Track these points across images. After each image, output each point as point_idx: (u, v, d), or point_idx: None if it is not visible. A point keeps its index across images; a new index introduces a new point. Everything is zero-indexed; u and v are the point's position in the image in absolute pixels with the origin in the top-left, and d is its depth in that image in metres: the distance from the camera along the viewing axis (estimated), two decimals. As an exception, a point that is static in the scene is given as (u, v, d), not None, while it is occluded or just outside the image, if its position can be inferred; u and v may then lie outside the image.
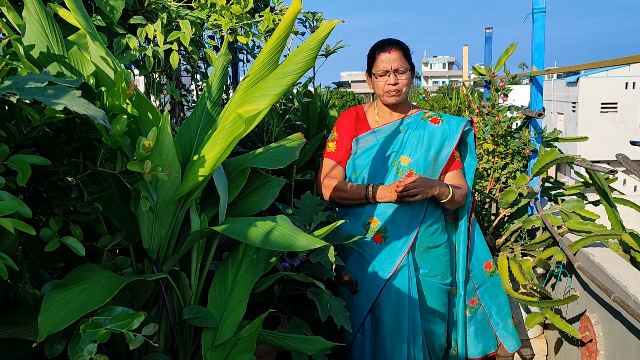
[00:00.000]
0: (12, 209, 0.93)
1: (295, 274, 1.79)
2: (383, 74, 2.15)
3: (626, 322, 2.06)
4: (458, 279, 2.41)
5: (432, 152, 2.21)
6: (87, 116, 0.99)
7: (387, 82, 2.15)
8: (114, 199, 1.49)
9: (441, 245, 2.28)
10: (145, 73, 1.98)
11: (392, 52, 2.14)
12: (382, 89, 2.18)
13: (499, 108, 3.28)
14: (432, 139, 2.22)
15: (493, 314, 2.48)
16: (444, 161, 2.23)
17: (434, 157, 2.21)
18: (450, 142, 2.22)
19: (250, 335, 1.43)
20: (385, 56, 2.14)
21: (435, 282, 2.27)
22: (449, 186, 2.18)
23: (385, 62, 2.13)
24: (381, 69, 2.15)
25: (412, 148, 2.21)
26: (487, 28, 5.17)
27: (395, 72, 2.14)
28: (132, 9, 1.98)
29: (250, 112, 1.36)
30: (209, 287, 1.64)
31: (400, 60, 2.13)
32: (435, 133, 2.23)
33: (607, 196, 2.79)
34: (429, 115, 2.28)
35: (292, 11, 1.42)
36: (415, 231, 2.20)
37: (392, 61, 2.13)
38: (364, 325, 2.24)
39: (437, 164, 2.22)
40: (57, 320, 1.10)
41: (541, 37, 3.06)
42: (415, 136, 2.22)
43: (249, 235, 1.40)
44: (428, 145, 2.21)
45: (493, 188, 3.34)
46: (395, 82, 2.14)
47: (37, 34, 1.33)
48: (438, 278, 2.27)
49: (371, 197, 2.15)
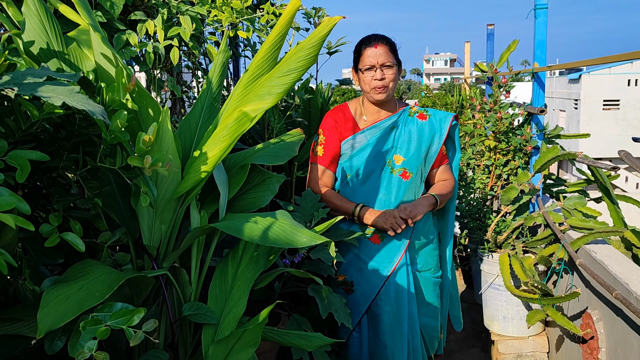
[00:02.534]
0: (10, 205, 0.93)
1: (295, 271, 1.79)
2: (369, 69, 2.13)
3: (628, 319, 2.05)
4: (444, 267, 2.41)
5: (423, 149, 2.22)
6: (86, 111, 0.99)
7: (374, 77, 2.13)
8: (113, 195, 1.49)
9: (433, 239, 2.31)
10: (145, 69, 1.97)
11: (378, 47, 2.12)
12: (368, 85, 2.15)
13: (500, 105, 3.27)
14: (422, 135, 2.22)
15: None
16: (434, 157, 2.25)
17: (425, 153, 2.22)
18: (438, 138, 2.24)
19: (255, 328, 1.43)
20: (372, 51, 2.12)
21: (429, 275, 2.29)
22: (436, 197, 2.21)
23: (372, 57, 2.11)
24: (367, 63, 2.12)
25: (404, 145, 2.21)
26: (489, 25, 5.15)
27: (382, 66, 2.12)
28: (133, 5, 1.98)
29: (256, 111, 1.36)
30: (209, 283, 1.64)
31: (386, 55, 2.11)
32: (424, 129, 2.23)
33: (609, 193, 2.78)
34: (415, 110, 2.28)
35: (292, 7, 1.41)
36: (412, 229, 2.20)
37: (379, 56, 2.11)
38: (361, 324, 2.24)
39: (428, 160, 2.24)
40: (56, 317, 1.10)
41: (543, 34, 3.04)
42: (406, 133, 2.22)
43: (249, 232, 1.39)
44: (419, 142, 2.21)
45: (494, 185, 3.33)
46: (381, 77, 2.12)
47: (37, 29, 1.32)
48: (431, 272, 2.30)
49: (356, 217, 2.16)
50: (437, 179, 2.32)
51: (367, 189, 2.20)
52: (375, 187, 2.20)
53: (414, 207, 2.11)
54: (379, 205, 2.18)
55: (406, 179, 2.19)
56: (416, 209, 2.11)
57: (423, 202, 2.17)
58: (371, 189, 2.20)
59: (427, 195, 2.22)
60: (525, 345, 3.00)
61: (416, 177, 2.20)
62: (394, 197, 2.18)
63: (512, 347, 3.00)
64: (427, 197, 2.21)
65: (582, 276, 2.53)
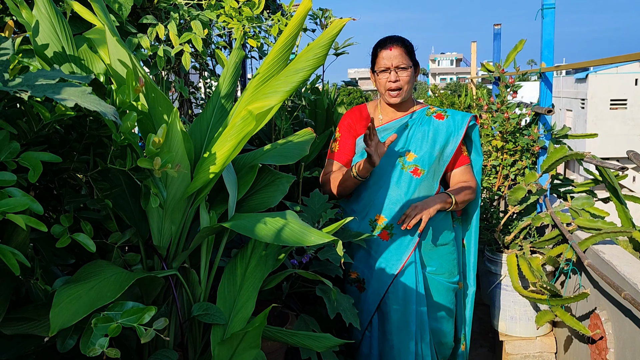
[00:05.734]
0: (23, 206, 0.94)
1: (303, 272, 1.79)
2: (384, 71, 2.14)
3: (637, 320, 2.05)
4: (469, 276, 2.40)
5: (437, 148, 2.20)
6: (98, 113, 1.00)
7: (388, 79, 2.14)
8: (124, 196, 1.50)
9: (448, 243, 2.26)
10: (155, 72, 1.99)
11: (393, 49, 2.13)
12: (383, 87, 2.17)
13: (507, 105, 3.27)
14: (437, 134, 2.20)
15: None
16: (449, 157, 2.21)
17: (439, 152, 2.20)
18: (455, 138, 2.21)
19: (255, 330, 1.43)
20: (386, 53, 2.13)
21: (442, 280, 2.26)
22: (450, 194, 2.16)
23: (386, 59, 2.13)
24: (382, 65, 2.14)
25: (417, 144, 2.20)
26: (495, 24, 5.14)
27: (396, 69, 2.13)
28: (141, 7, 1.99)
29: (260, 109, 1.36)
30: (218, 283, 1.65)
31: (401, 57, 2.12)
32: (440, 129, 2.21)
33: (617, 193, 2.77)
34: (434, 110, 2.27)
35: (302, 10, 1.42)
36: (419, 227, 2.18)
37: (393, 58, 2.12)
38: (372, 323, 2.24)
39: (442, 159, 2.21)
40: (68, 315, 1.11)
41: (550, 34, 3.04)
42: (420, 132, 2.21)
43: (258, 231, 1.40)
44: (433, 141, 2.20)
45: (502, 185, 3.32)
46: (395, 79, 2.13)
47: (48, 32, 1.33)
48: (445, 276, 2.26)
49: (357, 175, 2.13)
50: (456, 180, 2.27)
51: (378, 185, 2.21)
52: (386, 183, 2.20)
53: (424, 203, 2.09)
54: (390, 201, 2.18)
55: (417, 175, 2.18)
56: (427, 205, 2.08)
57: (435, 199, 2.13)
58: (382, 184, 2.20)
59: (441, 193, 2.19)
60: (533, 346, 2.99)
61: (428, 174, 2.18)
62: (404, 193, 2.17)
63: (519, 347, 2.99)
64: (440, 195, 2.17)
65: (590, 277, 2.53)
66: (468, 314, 2.43)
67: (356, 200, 2.26)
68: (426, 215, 2.05)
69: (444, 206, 2.14)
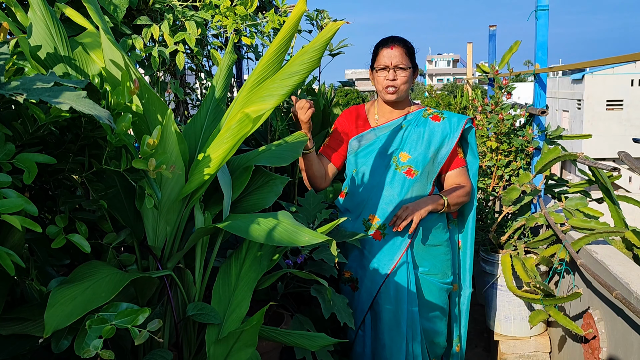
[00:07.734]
0: (18, 207, 0.95)
1: (298, 271, 1.80)
2: (383, 69, 2.16)
3: (628, 319, 2.06)
4: (464, 277, 2.41)
5: (431, 149, 2.20)
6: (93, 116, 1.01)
7: (386, 77, 2.16)
8: (119, 197, 1.51)
9: (442, 244, 2.26)
10: (150, 73, 2.00)
11: (394, 48, 2.15)
12: (381, 84, 2.19)
13: (502, 106, 3.28)
14: (432, 136, 2.22)
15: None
16: (444, 159, 2.22)
17: (434, 154, 2.21)
18: (450, 140, 2.21)
19: (252, 329, 1.44)
20: (387, 51, 2.15)
21: (435, 280, 2.26)
22: (443, 196, 2.17)
23: (386, 58, 2.15)
24: (381, 63, 2.16)
25: (412, 145, 2.22)
26: (491, 25, 5.16)
27: (395, 68, 2.14)
28: (137, 9, 2.00)
29: (257, 112, 1.38)
30: (212, 284, 1.66)
31: (401, 57, 2.14)
32: (436, 130, 2.22)
33: (610, 194, 2.79)
34: (430, 112, 2.29)
35: (297, 12, 1.43)
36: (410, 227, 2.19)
37: (393, 57, 2.14)
38: (365, 322, 2.25)
39: (437, 161, 2.22)
40: (63, 316, 1.12)
41: (544, 35, 3.06)
42: (416, 133, 2.23)
43: (252, 232, 1.41)
44: (428, 142, 2.21)
45: (496, 186, 3.34)
46: (393, 78, 2.15)
47: (43, 34, 1.34)
48: (438, 277, 2.26)
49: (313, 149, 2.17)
50: (451, 182, 2.28)
51: (371, 185, 2.22)
52: (379, 183, 2.21)
53: (416, 205, 2.10)
54: (383, 201, 2.19)
55: (411, 176, 2.19)
56: (418, 206, 2.09)
57: (427, 200, 2.14)
58: (375, 184, 2.21)
59: (433, 195, 2.20)
60: (528, 346, 3.01)
61: (422, 175, 2.20)
62: (397, 193, 2.18)
63: (514, 347, 3.01)
64: (432, 196, 2.18)
65: (583, 276, 2.54)
66: (464, 315, 2.44)
67: (350, 200, 2.28)
68: (417, 217, 2.05)
69: (436, 207, 2.14)
